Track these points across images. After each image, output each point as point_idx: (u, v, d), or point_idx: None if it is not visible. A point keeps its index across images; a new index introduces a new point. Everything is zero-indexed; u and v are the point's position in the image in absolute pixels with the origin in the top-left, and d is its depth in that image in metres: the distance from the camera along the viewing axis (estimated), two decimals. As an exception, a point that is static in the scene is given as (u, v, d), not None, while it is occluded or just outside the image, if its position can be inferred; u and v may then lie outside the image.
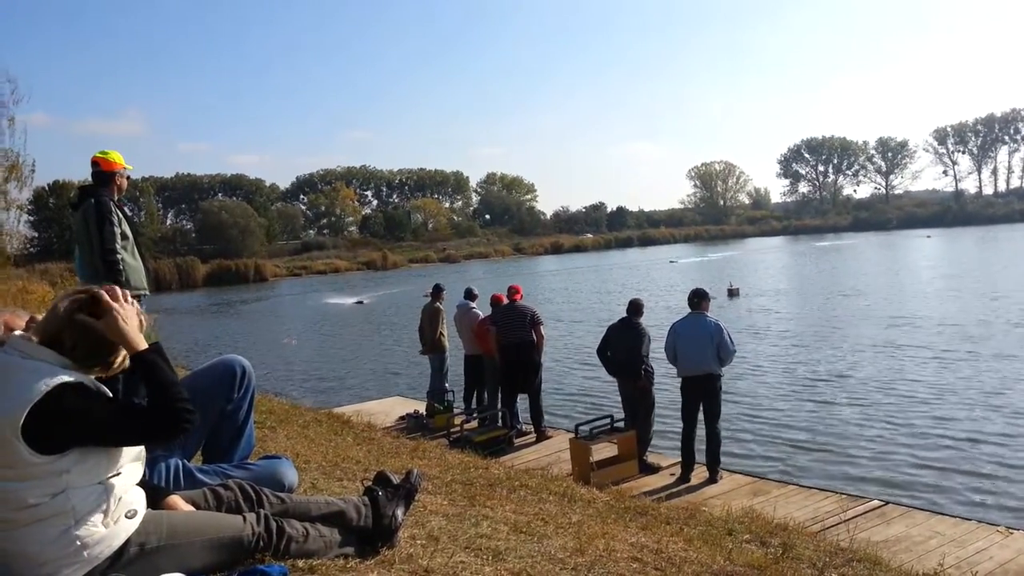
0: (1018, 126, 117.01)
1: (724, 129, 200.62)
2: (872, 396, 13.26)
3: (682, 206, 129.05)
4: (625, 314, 8.75)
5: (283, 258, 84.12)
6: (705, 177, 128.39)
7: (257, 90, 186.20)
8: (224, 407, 3.02)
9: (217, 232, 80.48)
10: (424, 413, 11.12)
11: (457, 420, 10.19)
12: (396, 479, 2.91)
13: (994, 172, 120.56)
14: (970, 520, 6.64)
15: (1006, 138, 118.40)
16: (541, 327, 9.90)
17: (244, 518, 2.41)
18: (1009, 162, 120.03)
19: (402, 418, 11.17)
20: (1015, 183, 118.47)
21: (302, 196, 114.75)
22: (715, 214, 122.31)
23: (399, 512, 2.78)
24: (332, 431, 6.28)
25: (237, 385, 3.04)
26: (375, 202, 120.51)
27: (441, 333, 11.32)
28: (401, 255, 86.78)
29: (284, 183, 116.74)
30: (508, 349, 9.80)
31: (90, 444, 2.09)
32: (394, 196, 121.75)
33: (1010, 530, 6.26)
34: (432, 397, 11.37)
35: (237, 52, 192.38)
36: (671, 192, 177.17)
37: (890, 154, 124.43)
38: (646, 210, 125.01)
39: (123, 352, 2.26)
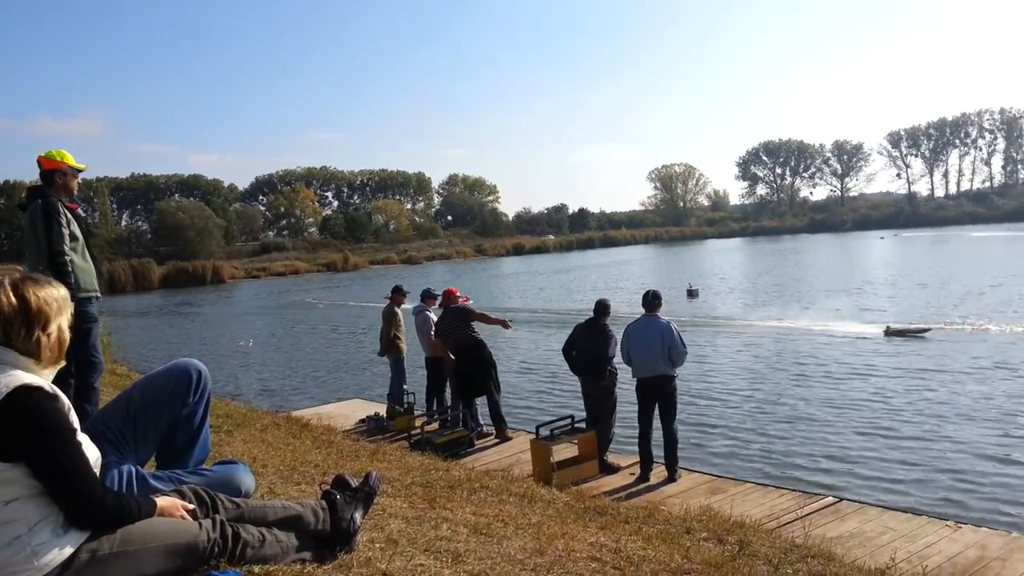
0: (968, 130, 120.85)
1: (685, 132, 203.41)
2: (827, 395, 13.52)
3: (643, 208, 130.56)
4: (592, 314, 8.78)
5: (241, 259, 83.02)
6: (665, 179, 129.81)
7: (220, 91, 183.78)
8: (179, 412, 2.97)
9: (174, 233, 79.19)
10: (384, 416, 11.05)
11: (418, 422, 10.14)
12: (355, 482, 2.90)
13: (945, 175, 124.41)
14: (921, 515, 6.80)
15: (956, 142, 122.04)
16: (479, 316, 10.05)
17: (199, 524, 2.37)
18: (960, 165, 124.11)
19: (362, 421, 11.09)
20: (965, 186, 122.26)
21: (261, 197, 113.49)
22: (675, 216, 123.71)
23: (357, 516, 2.76)
24: (290, 434, 6.23)
25: (193, 389, 2.99)
26: (336, 203, 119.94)
27: (396, 335, 11.27)
28: (362, 256, 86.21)
29: (245, 184, 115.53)
30: (457, 351, 9.82)
31: (26, 463, 2.04)
32: (355, 197, 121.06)
33: (959, 524, 6.42)
34: (392, 399, 11.31)
35: (200, 53, 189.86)
36: (633, 194, 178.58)
37: (845, 157, 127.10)
38: (608, 212, 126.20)
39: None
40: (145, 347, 26.93)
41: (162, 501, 2.37)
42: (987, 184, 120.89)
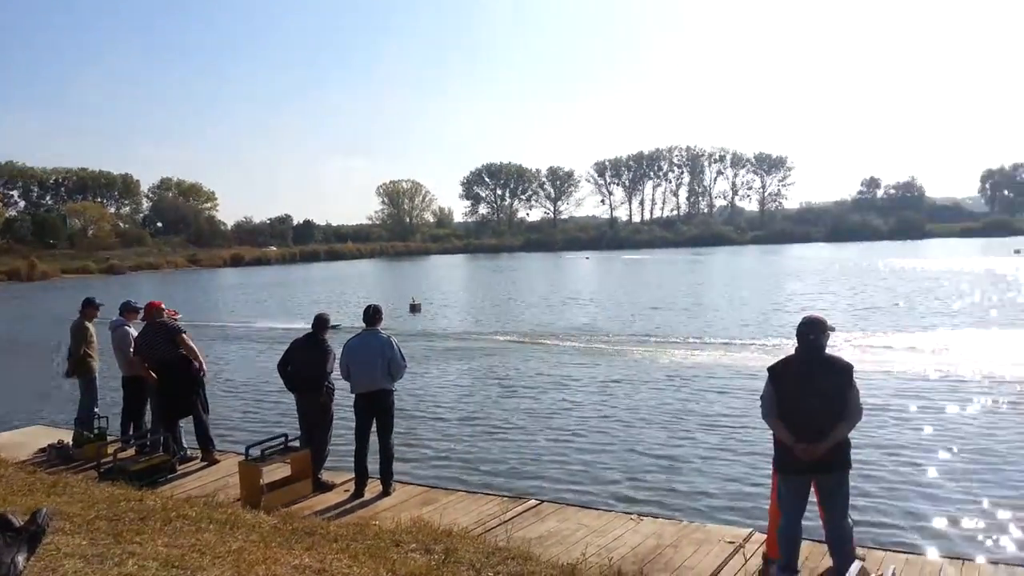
0: (661, 164, 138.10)
1: (414, 149, 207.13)
2: (534, 403, 14.48)
3: (370, 222, 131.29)
4: (310, 329, 8.58)
5: None
6: (393, 194, 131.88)
7: None
8: None
9: None
10: (71, 443, 9.90)
11: (110, 449, 9.20)
12: (19, 521, 2.60)
13: (642, 203, 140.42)
14: (610, 511, 7.50)
15: (651, 173, 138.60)
16: (184, 336, 9.36)
17: None
18: (653, 195, 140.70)
19: (43, 450, 9.84)
20: (657, 213, 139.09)
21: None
22: (401, 231, 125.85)
23: (20, 559, 2.48)
24: (-55, 471, 5.38)
25: None
26: (23, 203, 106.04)
27: (87, 353, 10.17)
28: (53, 264, 77.36)
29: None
30: (159, 370, 9.13)
31: None
32: (48, 198, 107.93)
33: (640, 517, 7.17)
34: (80, 424, 10.15)
35: None
36: (361, 208, 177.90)
37: (558, 182, 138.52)
38: (335, 225, 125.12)
39: None
40: None
41: None
42: (675, 212, 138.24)
